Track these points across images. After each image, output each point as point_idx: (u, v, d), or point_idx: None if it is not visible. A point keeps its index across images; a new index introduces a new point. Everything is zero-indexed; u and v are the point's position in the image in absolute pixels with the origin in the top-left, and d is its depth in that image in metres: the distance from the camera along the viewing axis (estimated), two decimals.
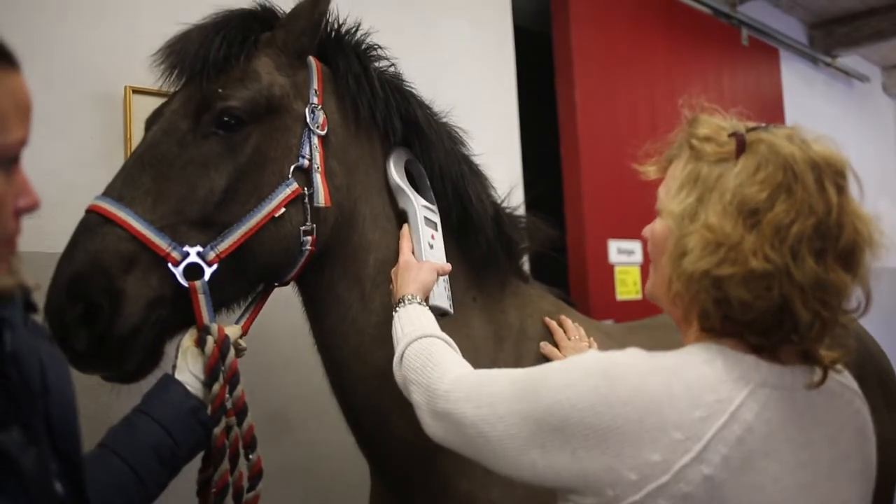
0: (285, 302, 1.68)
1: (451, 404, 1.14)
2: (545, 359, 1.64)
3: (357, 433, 1.64)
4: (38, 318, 0.95)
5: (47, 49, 1.98)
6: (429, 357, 1.26)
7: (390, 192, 1.61)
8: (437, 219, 1.62)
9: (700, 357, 1.01)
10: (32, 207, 0.82)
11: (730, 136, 1.06)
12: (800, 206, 0.97)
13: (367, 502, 1.80)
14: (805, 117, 5.23)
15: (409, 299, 1.41)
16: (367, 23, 1.66)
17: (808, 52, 5.53)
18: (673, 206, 1.07)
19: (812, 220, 0.97)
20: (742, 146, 1.03)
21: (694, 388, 0.96)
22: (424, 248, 1.53)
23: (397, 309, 1.41)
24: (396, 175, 1.60)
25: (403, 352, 1.31)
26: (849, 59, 6.04)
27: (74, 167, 1.97)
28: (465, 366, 1.25)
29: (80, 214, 1.35)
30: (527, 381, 1.06)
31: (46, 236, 1.87)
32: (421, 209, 1.57)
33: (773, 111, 4.95)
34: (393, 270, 1.52)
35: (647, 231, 1.18)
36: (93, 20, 2.06)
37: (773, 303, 0.97)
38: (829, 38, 5.64)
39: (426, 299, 1.45)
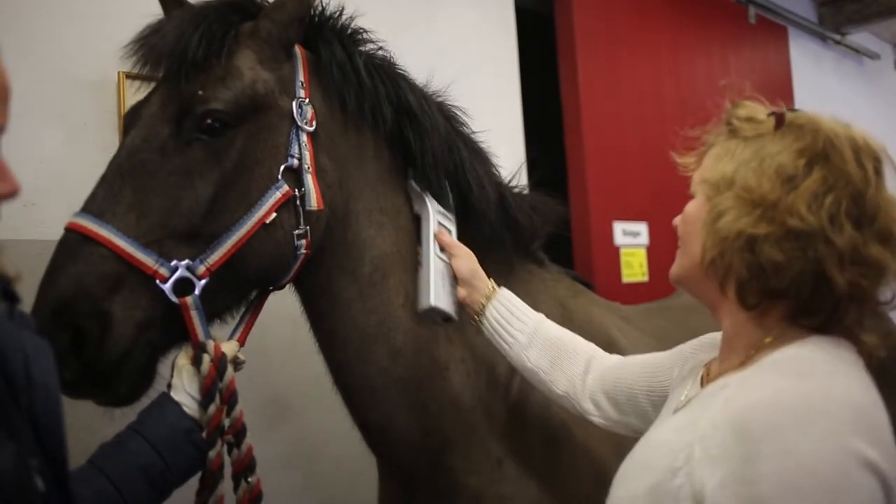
0: (284, 290, 1.66)
1: None
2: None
3: (363, 432, 1.62)
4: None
5: (40, 35, 1.96)
6: None
7: (383, 185, 1.56)
8: (452, 227, 1.58)
9: (829, 360, 0.97)
10: (11, 194, 0.79)
11: (769, 115, 1.07)
12: (837, 176, 0.98)
13: (375, 495, 1.79)
14: (814, 96, 5.16)
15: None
16: (367, 4, 1.60)
17: (817, 29, 5.45)
18: (709, 175, 1.08)
19: (850, 191, 0.97)
20: (781, 121, 1.04)
21: (866, 385, 0.95)
22: (433, 250, 1.50)
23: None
24: (415, 183, 1.57)
25: None
26: (859, 37, 5.94)
27: (69, 154, 1.95)
28: None
29: (75, 201, 1.30)
30: None
31: (41, 224, 1.87)
32: (435, 214, 1.54)
33: (781, 90, 4.88)
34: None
35: (678, 218, 1.17)
36: (86, 5, 2.03)
37: (806, 266, 0.96)
38: (838, 16, 5.55)
39: (420, 301, 1.43)
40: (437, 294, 1.45)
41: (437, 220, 1.54)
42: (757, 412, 0.89)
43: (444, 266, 1.50)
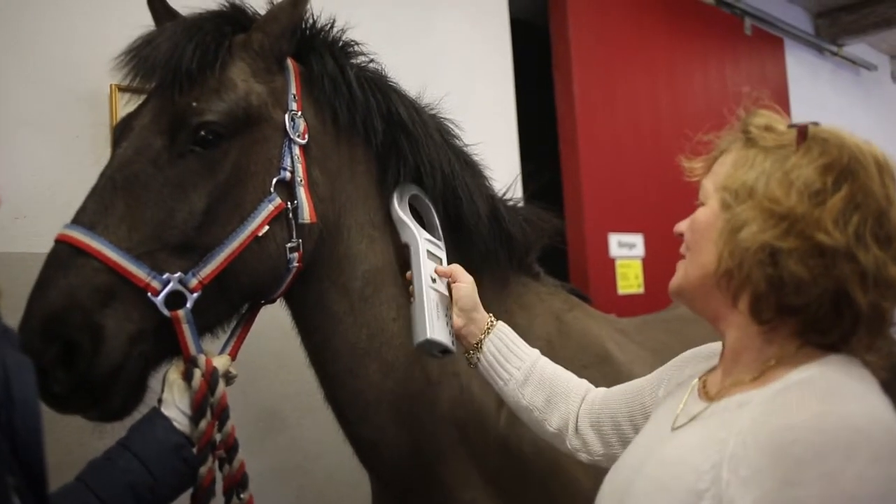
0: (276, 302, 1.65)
1: None
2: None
3: (355, 446, 1.61)
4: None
5: (32, 47, 1.96)
6: None
7: (375, 199, 1.55)
8: (442, 254, 1.54)
9: (854, 379, 0.95)
10: None
11: (789, 127, 1.05)
12: (864, 193, 0.96)
13: (362, 501, 1.78)
14: (811, 107, 5.17)
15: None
16: (362, 15, 1.59)
17: (813, 41, 5.46)
18: (728, 182, 1.04)
19: (874, 209, 0.96)
20: (804, 135, 1.02)
21: (889, 406, 0.92)
22: (426, 281, 1.45)
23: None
24: (399, 209, 1.54)
25: None
26: (855, 48, 5.96)
27: (60, 167, 1.95)
28: None
29: (67, 214, 1.29)
30: None
31: (33, 237, 1.85)
32: (424, 242, 1.50)
33: (778, 102, 4.80)
34: None
35: (682, 225, 1.14)
36: (77, 18, 2.03)
37: (828, 284, 0.94)
38: (834, 27, 5.58)
39: (416, 334, 1.40)
40: (432, 326, 1.40)
41: (427, 248, 1.50)
42: (797, 434, 0.86)
43: (438, 296, 1.46)
